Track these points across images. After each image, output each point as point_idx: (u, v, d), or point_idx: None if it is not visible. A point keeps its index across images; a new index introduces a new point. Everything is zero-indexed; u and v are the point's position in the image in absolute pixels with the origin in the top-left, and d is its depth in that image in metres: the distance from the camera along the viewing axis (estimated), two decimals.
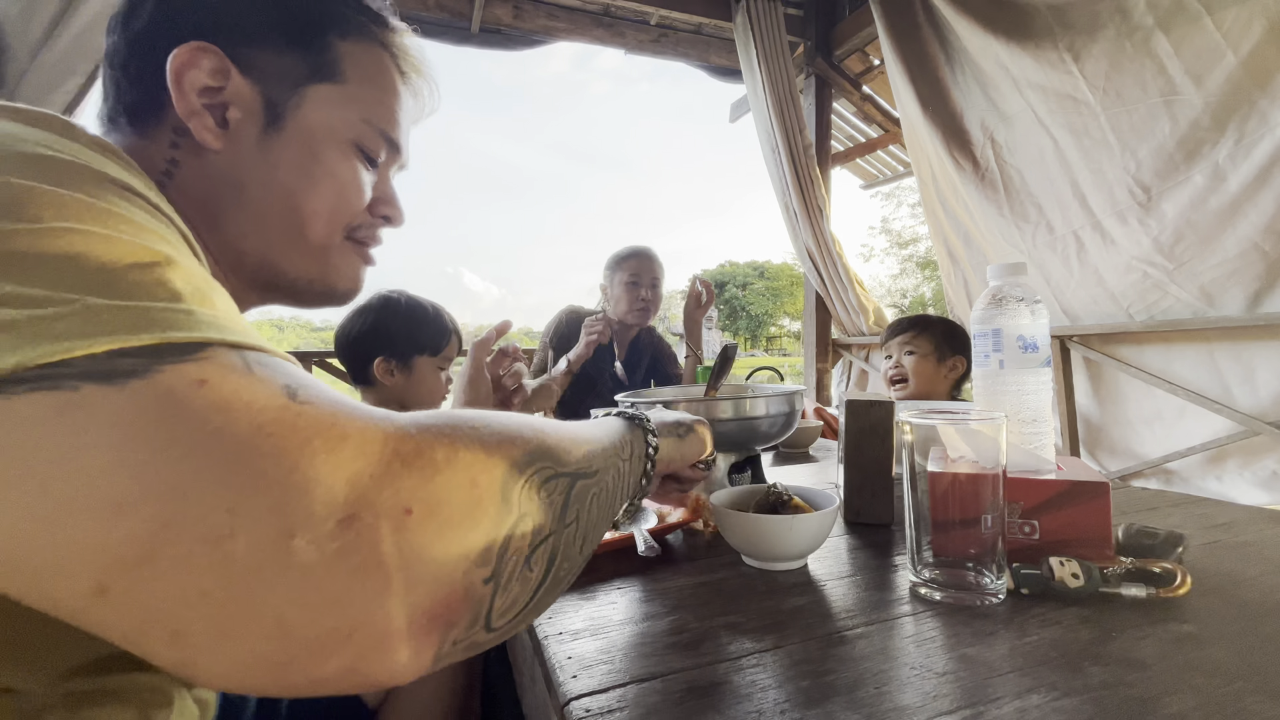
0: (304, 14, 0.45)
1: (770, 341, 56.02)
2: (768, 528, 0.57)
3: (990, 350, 0.67)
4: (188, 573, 0.19)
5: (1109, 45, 1.75)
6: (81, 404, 0.19)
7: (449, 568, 0.24)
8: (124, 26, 0.43)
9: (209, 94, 0.41)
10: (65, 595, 0.19)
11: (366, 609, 0.21)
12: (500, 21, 2.79)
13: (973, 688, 0.38)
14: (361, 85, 0.47)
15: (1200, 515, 0.74)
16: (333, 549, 0.21)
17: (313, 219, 0.45)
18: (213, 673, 0.20)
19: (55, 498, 0.19)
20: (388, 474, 0.23)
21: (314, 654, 0.21)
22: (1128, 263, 1.86)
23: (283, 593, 0.20)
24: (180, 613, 0.19)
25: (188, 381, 0.21)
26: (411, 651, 0.23)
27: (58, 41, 1.72)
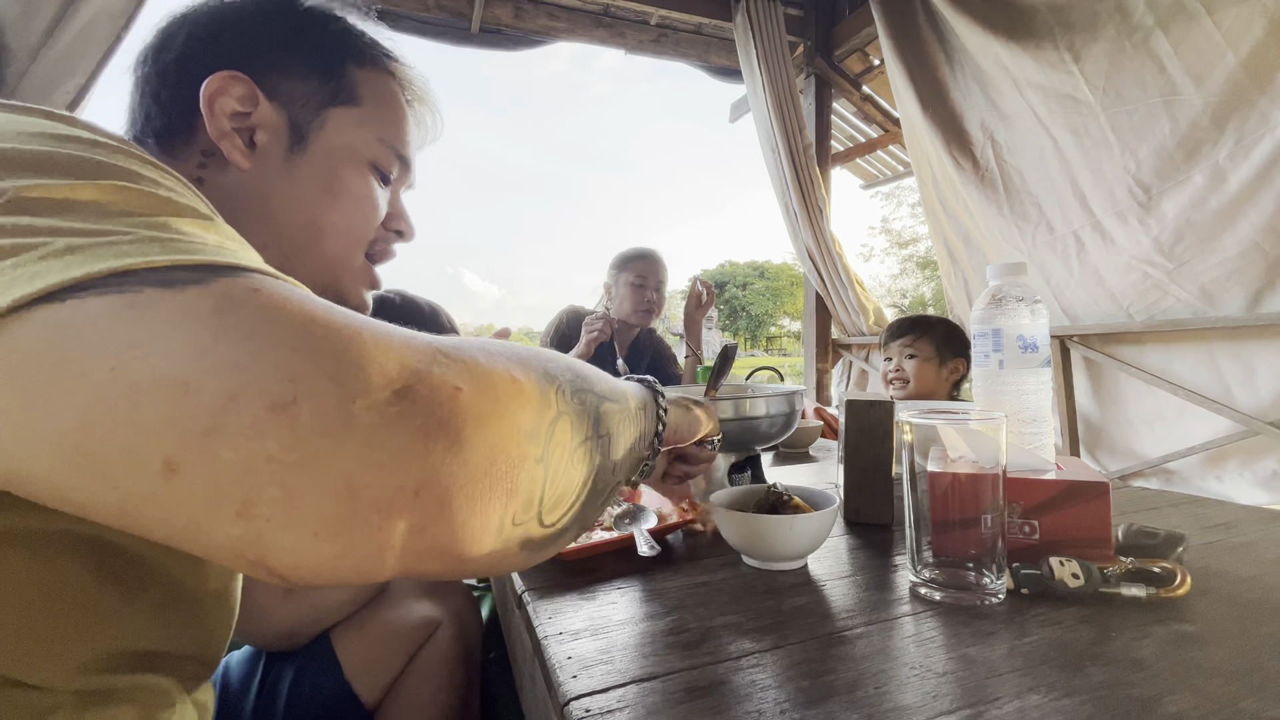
0: (325, 45, 0.50)
1: (770, 341, 56.01)
2: (768, 528, 0.57)
3: (990, 350, 0.67)
4: (255, 439, 0.20)
5: (1109, 45, 1.75)
6: (146, 302, 0.21)
7: (503, 435, 0.25)
8: (155, 59, 0.47)
9: (238, 118, 0.45)
10: (135, 480, 0.20)
11: (430, 464, 0.22)
12: (500, 21, 2.79)
13: (973, 688, 0.38)
14: (376, 108, 0.51)
15: (1200, 515, 0.74)
16: (393, 412, 0.22)
17: (331, 232, 0.49)
18: (280, 544, 0.20)
19: (124, 381, 0.20)
20: (433, 362, 0.24)
21: (382, 513, 0.21)
22: (1128, 263, 1.86)
23: (348, 452, 0.21)
24: (249, 481, 0.20)
25: (243, 289, 0.22)
26: (477, 512, 0.24)
27: (58, 41, 1.72)
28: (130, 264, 0.21)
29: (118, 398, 0.20)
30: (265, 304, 0.22)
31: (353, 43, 0.51)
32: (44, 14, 1.70)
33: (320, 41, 0.50)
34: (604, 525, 0.70)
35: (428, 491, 0.22)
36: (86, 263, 0.21)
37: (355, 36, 0.51)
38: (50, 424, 0.20)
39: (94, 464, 0.20)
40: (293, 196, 0.47)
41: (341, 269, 0.51)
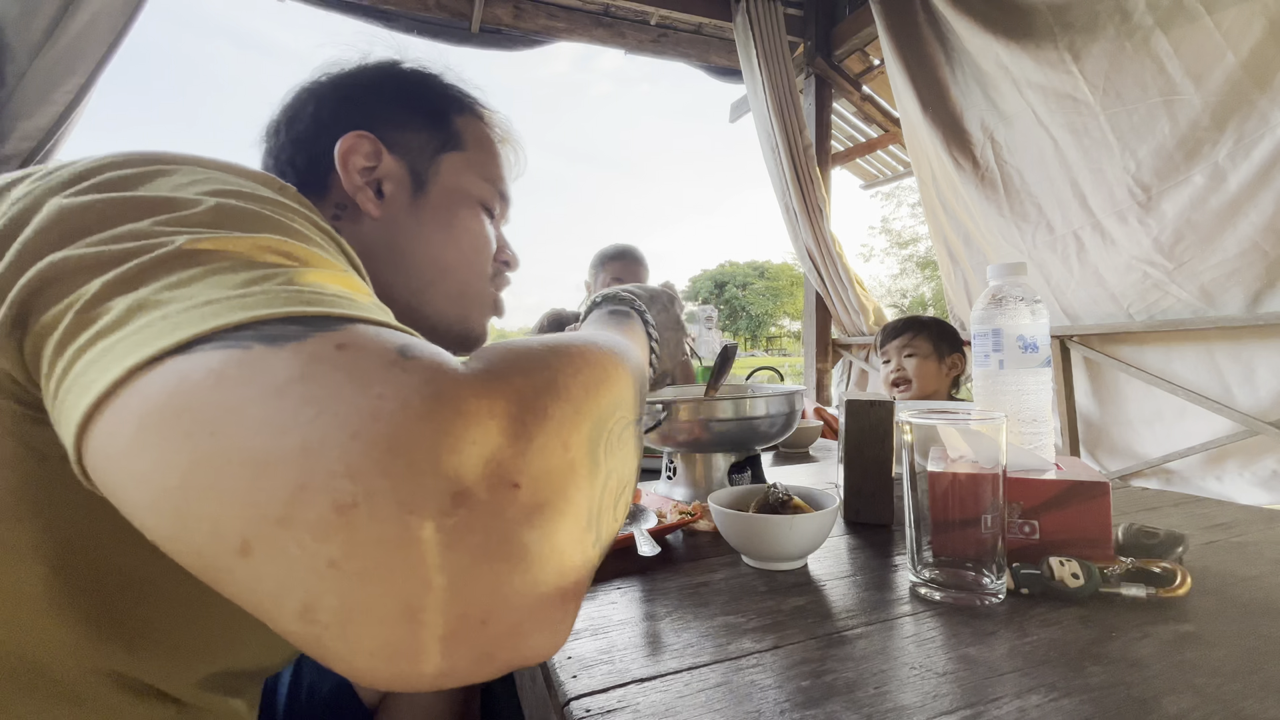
0: (432, 101, 0.57)
1: (770, 341, 56.00)
2: (768, 528, 0.56)
3: (990, 350, 0.67)
4: (319, 540, 0.19)
5: (1109, 45, 1.75)
6: (251, 361, 0.21)
7: (565, 536, 0.23)
8: (288, 130, 0.54)
9: (366, 173, 0.52)
10: (214, 551, 0.20)
11: (498, 592, 0.21)
12: (500, 21, 2.79)
13: (973, 688, 0.38)
14: (478, 151, 0.58)
15: (1200, 515, 0.74)
16: (450, 525, 0.20)
17: (454, 269, 0.55)
18: (337, 654, 0.20)
19: (220, 449, 0.20)
20: (488, 444, 0.22)
21: (445, 643, 0.20)
22: (1128, 262, 1.86)
23: (407, 572, 0.19)
24: (311, 583, 0.19)
25: (330, 345, 0.23)
26: (549, 629, 0.22)
27: (58, 41, 1.72)
28: (251, 316, 0.23)
29: (213, 466, 0.20)
30: (342, 365, 0.22)
31: (451, 94, 0.58)
32: (44, 14, 1.70)
33: (426, 97, 0.57)
34: None
35: (496, 620, 0.21)
36: (219, 315, 0.23)
37: (451, 89, 0.59)
38: (158, 479, 0.20)
39: (186, 528, 0.20)
40: (419, 238, 0.53)
41: (467, 302, 0.57)
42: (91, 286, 0.24)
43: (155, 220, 0.27)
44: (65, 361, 0.24)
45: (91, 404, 0.22)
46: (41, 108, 1.76)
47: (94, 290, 0.24)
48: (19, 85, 1.71)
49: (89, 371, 0.23)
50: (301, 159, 0.53)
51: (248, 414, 0.20)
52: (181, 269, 0.25)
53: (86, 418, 0.22)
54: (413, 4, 2.63)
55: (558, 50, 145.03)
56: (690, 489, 0.84)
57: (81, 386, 0.22)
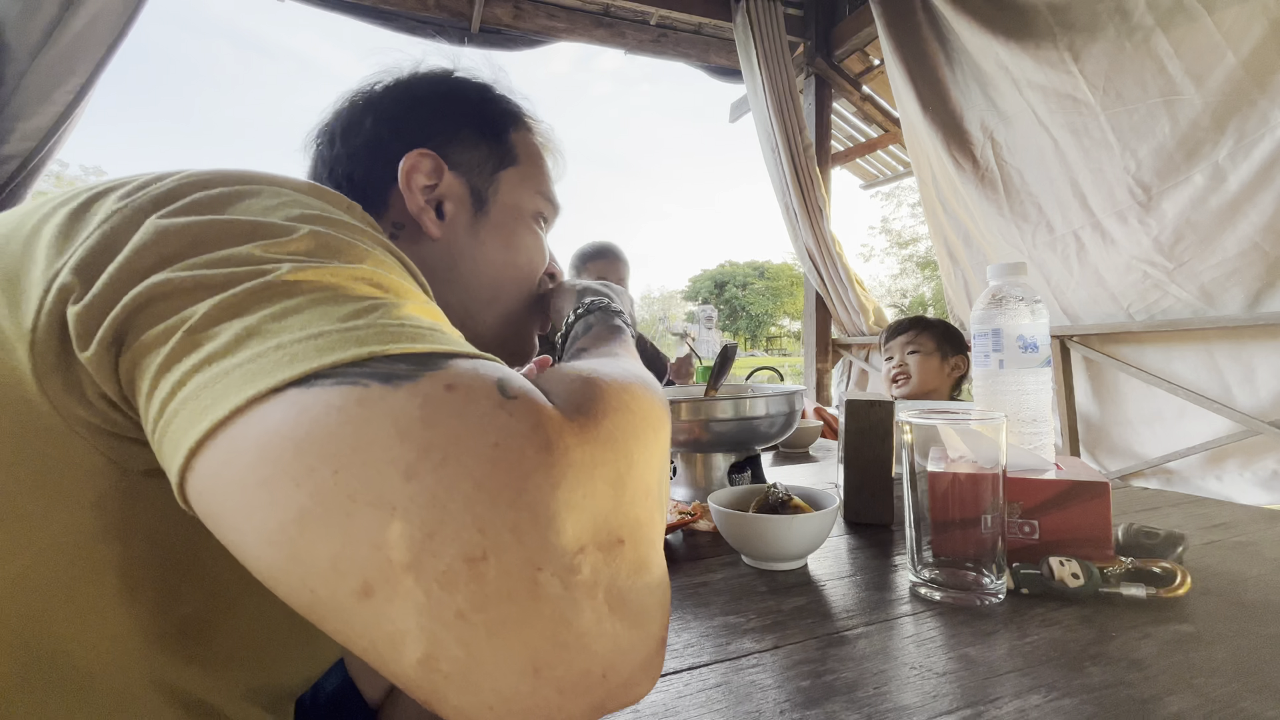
0: (489, 117, 0.55)
1: (770, 341, 56.00)
2: (768, 528, 0.57)
3: (990, 350, 0.67)
4: (447, 589, 0.19)
5: (1109, 45, 1.75)
6: (370, 399, 0.21)
7: (656, 583, 0.24)
8: (345, 141, 0.52)
9: (427, 191, 0.50)
10: (331, 592, 0.19)
11: (617, 647, 0.21)
12: (500, 21, 2.79)
13: (973, 688, 0.38)
14: (530, 165, 0.57)
15: (1200, 515, 0.74)
16: (575, 581, 0.21)
17: (510, 286, 0.55)
18: (453, 704, 0.20)
19: (344, 488, 0.20)
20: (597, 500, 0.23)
21: (565, 695, 0.20)
22: (1128, 262, 1.86)
23: (535, 626, 0.20)
24: (436, 632, 0.19)
25: (440, 386, 0.22)
26: (654, 676, 0.23)
27: (58, 41, 1.72)
28: (367, 353, 0.23)
29: (336, 503, 0.20)
30: (457, 409, 0.22)
31: (507, 109, 0.57)
32: (44, 13, 1.70)
33: (485, 113, 0.55)
34: None
35: (614, 674, 0.21)
36: (334, 349, 0.23)
37: (507, 103, 0.57)
38: (276, 512, 0.20)
39: (298, 564, 0.20)
40: (479, 257, 0.52)
41: (520, 318, 0.57)
42: (199, 309, 0.24)
43: (254, 245, 0.27)
44: (173, 381, 0.23)
45: (208, 429, 0.21)
46: (41, 108, 1.76)
47: (202, 312, 0.24)
48: (19, 85, 1.71)
49: (203, 396, 0.22)
50: (360, 173, 0.51)
51: (373, 455, 0.20)
52: (285, 298, 0.25)
53: (199, 443, 0.22)
54: (413, 4, 2.63)
55: (558, 51, 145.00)
56: (690, 489, 0.84)
57: (196, 410, 0.22)
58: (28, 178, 1.81)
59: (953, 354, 1.55)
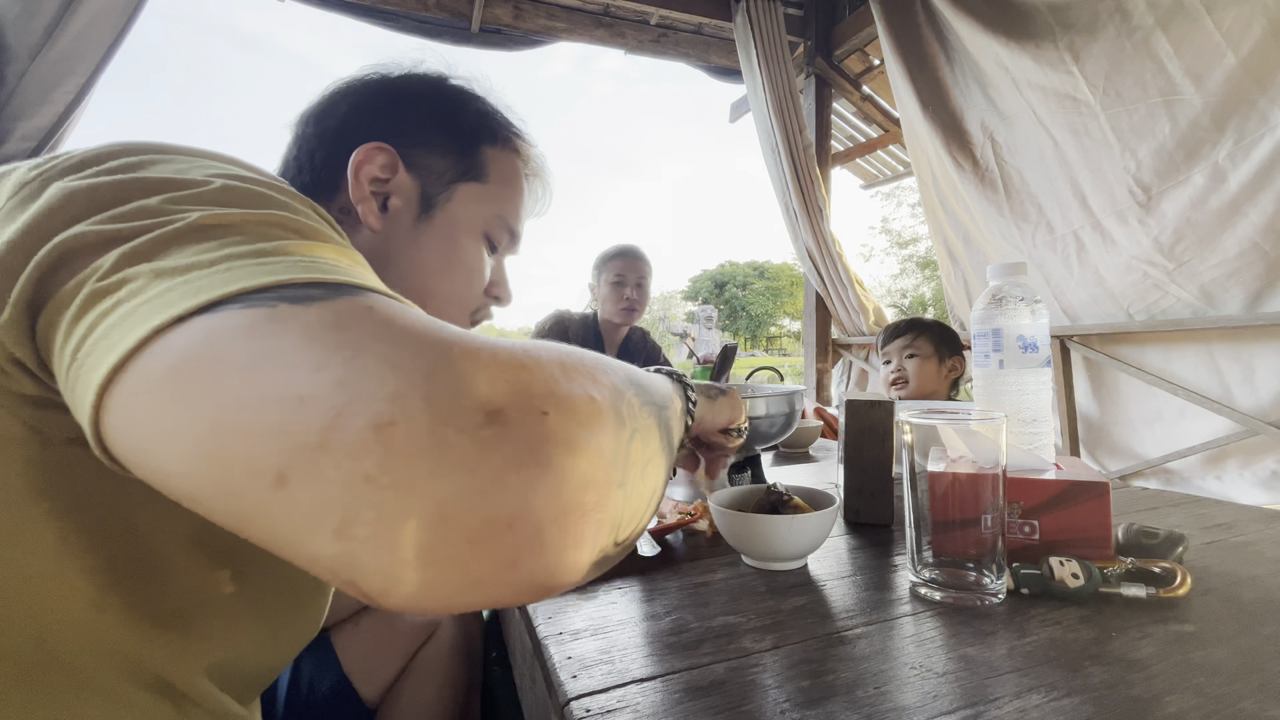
0: (466, 126, 0.55)
1: (770, 341, 55.99)
2: (768, 528, 0.56)
3: (990, 350, 0.67)
4: (357, 458, 0.20)
5: (1109, 45, 1.75)
6: (279, 316, 0.22)
7: (590, 463, 0.24)
8: (318, 122, 0.53)
9: (377, 184, 0.51)
10: (250, 489, 0.20)
11: (523, 498, 0.22)
12: (500, 21, 2.79)
13: (973, 688, 0.38)
14: (499, 186, 0.56)
15: (1200, 515, 0.74)
16: (485, 436, 0.22)
17: (440, 297, 0.54)
18: (372, 567, 0.21)
19: (254, 391, 0.21)
20: (519, 379, 0.24)
21: (474, 544, 0.21)
22: (1128, 262, 1.86)
23: (441, 478, 0.21)
24: (348, 500, 0.20)
25: (359, 305, 0.24)
26: (569, 547, 0.24)
27: (58, 41, 1.72)
28: (275, 280, 0.24)
29: (247, 407, 0.21)
30: (377, 319, 0.23)
31: (489, 124, 0.56)
32: (44, 13, 1.70)
33: (460, 122, 0.55)
34: None
35: (521, 524, 0.22)
36: (240, 279, 0.23)
37: (493, 117, 0.57)
38: (189, 427, 0.21)
39: (219, 470, 0.21)
40: (414, 260, 0.52)
41: None
42: (106, 260, 0.25)
43: (164, 198, 0.27)
44: (83, 329, 0.24)
45: (115, 363, 0.22)
46: (41, 108, 1.76)
47: (109, 262, 0.25)
48: (19, 85, 1.71)
49: (110, 335, 0.23)
50: (321, 155, 0.52)
51: (281, 358, 0.21)
52: (196, 242, 0.26)
53: (108, 379, 0.22)
54: (413, 4, 2.63)
55: (559, 52, 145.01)
56: (690, 489, 0.84)
57: (103, 349, 0.23)
58: None
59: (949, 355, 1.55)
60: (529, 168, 0.60)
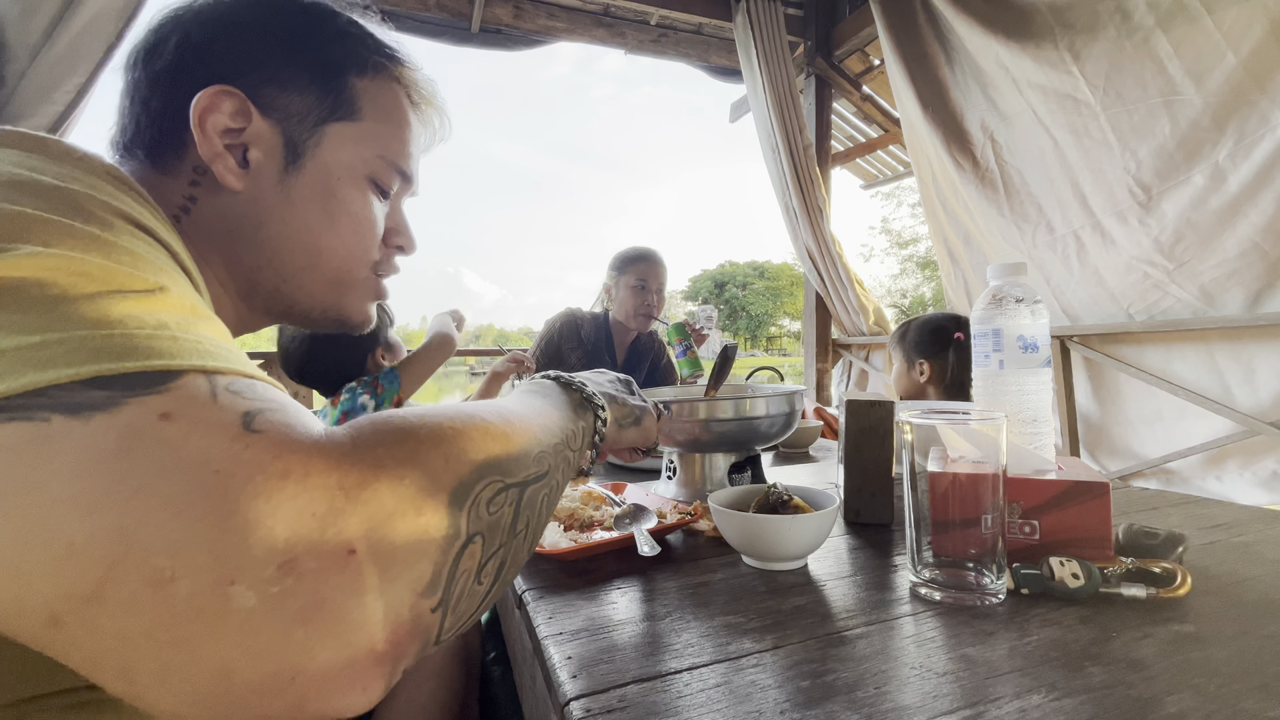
0: (324, 55, 0.46)
1: (770, 341, 56.00)
2: (768, 528, 0.56)
3: (990, 350, 0.67)
4: (132, 614, 0.20)
5: (1109, 45, 1.75)
6: (50, 436, 0.20)
7: (395, 605, 0.23)
8: (146, 64, 0.43)
9: (230, 135, 0.42)
10: (23, 626, 0.20)
11: (309, 654, 0.21)
12: (500, 21, 2.79)
13: (973, 688, 0.38)
14: (377, 121, 0.48)
15: (1200, 515, 0.74)
16: (273, 594, 0.21)
17: (329, 255, 0.47)
18: (161, 709, 0.21)
19: (15, 530, 0.19)
20: (329, 512, 0.22)
21: (258, 696, 0.21)
22: (1128, 263, 1.86)
23: (223, 638, 0.20)
24: (127, 651, 0.20)
25: (151, 415, 0.21)
26: (360, 689, 0.23)
27: (58, 41, 1.72)
28: (46, 381, 0.20)
29: (8, 547, 0.19)
30: (167, 439, 0.21)
31: (353, 48, 0.47)
32: (44, 13, 1.70)
33: (319, 49, 0.46)
34: (604, 525, 0.70)
35: (304, 680, 0.21)
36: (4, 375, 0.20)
37: (356, 40, 0.47)
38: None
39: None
40: (289, 219, 0.45)
41: (344, 289, 0.49)
42: None
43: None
44: None
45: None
46: (41, 108, 1.76)
47: None
48: (19, 85, 1.71)
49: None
50: (157, 104, 0.42)
51: (47, 493, 0.19)
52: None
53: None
54: (413, 4, 2.63)
55: (560, 52, 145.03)
56: (690, 489, 0.84)
57: None
58: None
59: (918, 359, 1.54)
60: (415, 94, 0.51)
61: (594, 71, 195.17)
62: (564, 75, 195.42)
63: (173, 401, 0.22)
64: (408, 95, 0.51)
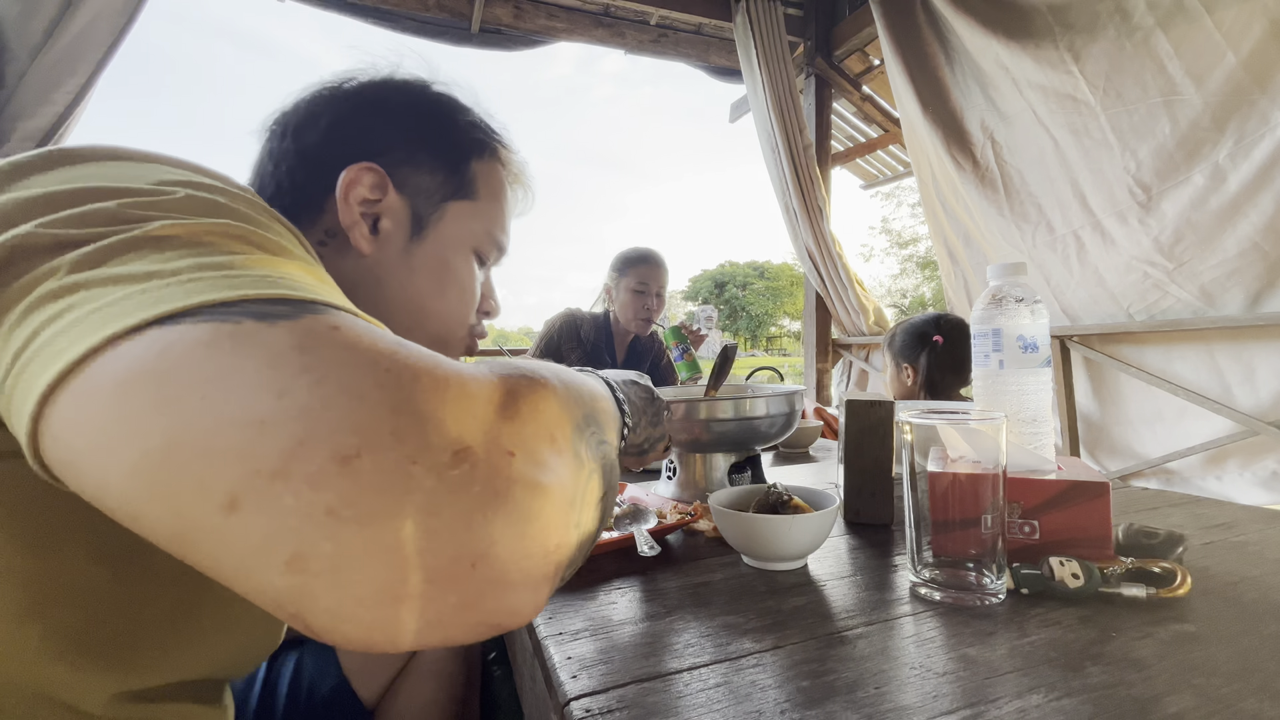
0: (454, 142, 0.53)
1: (770, 341, 55.99)
2: (768, 528, 0.56)
3: (990, 350, 0.67)
4: (319, 489, 0.19)
5: (1109, 45, 1.75)
6: (243, 334, 0.22)
7: (554, 505, 0.25)
8: (296, 137, 0.50)
9: (366, 205, 0.49)
10: (198, 511, 0.20)
11: (489, 540, 0.22)
12: (500, 21, 2.79)
13: (973, 688, 0.38)
14: (488, 200, 0.55)
15: (1200, 515, 0.74)
16: (452, 477, 0.21)
17: (435, 317, 0.53)
18: (323, 605, 0.20)
19: (211, 410, 0.20)
20: (487, 419, 0.24)
21: (434, 584, 0.20)
22: (1128, 263, 1.86)
23: (407, 516, 0.20)
24: (305, 531, 0.19)
25: (324, 326, 0.23)
26: (532, 588, 0.23)
27: (58, 41, 1.72)
28: (238, 295, 0.23)
29: (202, 426, 0.20)
30: (342, 343, 0.23)
31: (476, 137, 0.55)
32: (44, 13, 1.70)
33: (449, 138, 0.53)
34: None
35: (485, 565, 0.21)
36: (202, 291, 0.23)
37: (478, 129, 0.55)
38: (138, 442, 0.20)
39: (166, 488, 0.20)
40: (406, 284, 0.50)
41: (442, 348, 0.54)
42: (58, 262, 0.24)
43: (122, 202, 0.26)
44: (27, 333, 0.22)
45: (62, 370, 0.21)
46: (41, 108, 1.76)
47: (62, 265, 0.23)
48: (19, 85, 1.71)
49: (57, 341, 0.22)
50: (302, 174, 0.49)
51: (241, 379, 0.20)
52: (155, 251, 0.24)
53: (53, 386, 0.21)
54: (413, 4, 2.63)
55: (560, 53, 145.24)
56: (690, 489, 0.84)
57: (50, 355, 0.21)
58: None
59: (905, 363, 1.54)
60: (511, 174, 0.58)
61: (594, 72, 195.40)
62: (565, 76, 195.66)
63: (340, 320, 0.24)
64: (507, 175, 0.58)
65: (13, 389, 0.22)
